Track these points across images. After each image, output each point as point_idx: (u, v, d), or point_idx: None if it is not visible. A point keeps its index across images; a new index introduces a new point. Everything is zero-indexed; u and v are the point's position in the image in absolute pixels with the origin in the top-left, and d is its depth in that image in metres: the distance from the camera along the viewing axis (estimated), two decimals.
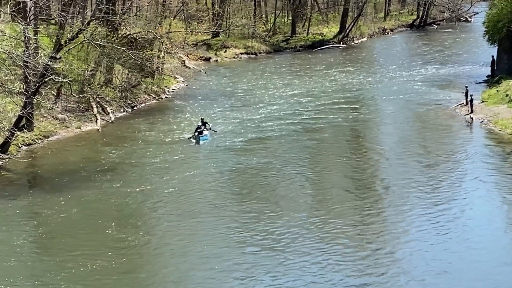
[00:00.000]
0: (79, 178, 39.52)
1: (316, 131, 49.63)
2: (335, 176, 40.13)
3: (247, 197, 36.28)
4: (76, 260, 29.10)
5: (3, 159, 42.38)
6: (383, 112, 56.42)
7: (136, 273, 28.22)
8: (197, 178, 39.25)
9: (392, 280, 26.99)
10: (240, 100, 59.75)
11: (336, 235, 31.18)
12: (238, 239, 30.87)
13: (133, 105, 56.95)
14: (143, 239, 31.31)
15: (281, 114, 54.14)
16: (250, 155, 43.16)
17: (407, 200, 35.58)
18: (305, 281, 26.91)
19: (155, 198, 36.37)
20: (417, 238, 30.96)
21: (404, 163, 42.04)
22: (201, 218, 33.49)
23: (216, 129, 48.23)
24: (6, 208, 35.63)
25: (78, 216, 34.11)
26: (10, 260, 29.41)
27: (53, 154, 44.69)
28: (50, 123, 48.96)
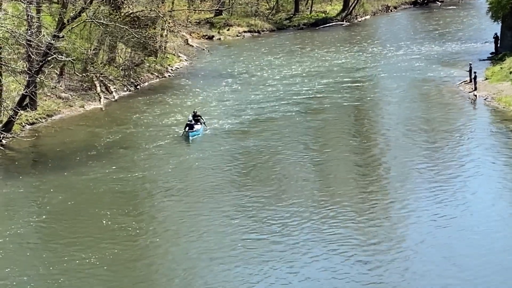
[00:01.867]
0: (82, 157, 39.57)
1: (318, 111, 49.44)
2: (339, 156, 39.92)
3: (248, 180, 36.03)
4: (77, 241, 29.20)
5: (7, 138, 42.45)
6: (387, 90, 56.22)
7: (139, 259, 28.09)
8: (198, 161, 39.14)
9: (397, 260, 27.02)
10: (242, 79, 59.62)
11: (340, 216, 31.09)
12: (240, 224, 30.59)
13: (136, 83, 56.90)
14: (144, 222, 31.28)
15: (283, 94, 53.93)
16: (252, 137, 42.95)
17: (411, 179, 35.53)
18: (309, 265, 26.87)
19: (156, 180, 36.26)
20: (421, 218, 30.84)
21: (408, 141, 41.96)
22: (203, 203, 33.16)
23: (206, 127, 45.14)
24: (10, 187, 35.74)
25: (80, 196, 34.14)
26: (12, 239, 29.50)
27: (56, 133, 44.76)
28: (53, 102, 48.98)
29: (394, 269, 26.41)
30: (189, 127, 43.68)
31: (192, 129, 43.60)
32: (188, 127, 43.69)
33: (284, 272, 26.36)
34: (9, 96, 45.14)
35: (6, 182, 36.47)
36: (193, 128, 43.84)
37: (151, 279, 26.51)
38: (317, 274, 26.22)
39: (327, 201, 32.82)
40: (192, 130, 43.59)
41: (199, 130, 44.24)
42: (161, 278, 26.63)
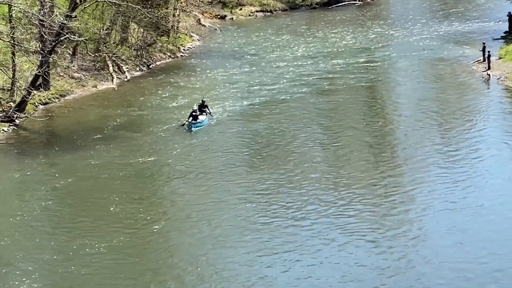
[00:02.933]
0: (94, 139, 39.63)
1: (331, 92, 49.12)
2: (351, 138, 39.56)
3: (260, 163, 35.73)
4: (86, 226, 29.13)
5: (20, 118, 42.63)
6: (400, 70, 55.97)
7: (148, 244, 27.82)
8: (209, 144, 38.91)
9: (410, 245, 26.90)
10: (254, 59, 59.37)
11: (353, 198, 30.91)
12: (252, 209, 30.18)
13: (148, 63, 56.91)
14: (154, 207, 31.11)
15: (295, 75, 53.56)
16: (263, 120, 42.57)
17: (424, 160, 35.28)
18: (323, 250, 26.68)
19: (166, 164, 36.10)
20: (435, 200, 30.64)
21: (421, 121, 41.68)
22: (214, 188, 32.75)
23: (213, 117, 42.93)
24: (22, 167, 35.94)
25: (91, 179, 34.11)
26: (21, 222, 29.61)
27: (69, 113, 44.90)
28: (66, 82, 49.09)
29: (406, 254, 26.15)
30: (193, 118, 41.27)
31: (196, 120, 41.22)
32: (192, 118, 41.28)
33: (299, 258, 26.03)
34: (22, 76, 45.26)
35: (19, 162, 36.69)
36: (197, 119, 41.39)
37: (162, 265, 26.17)
38: (331, 259, 25.96)
39: (340, 184, 32.63)
40: (196, 122, 41.21)
41: (203, 121, 41.83)
42: (172, 265, 26.22)
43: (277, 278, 24.76)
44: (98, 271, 25.61)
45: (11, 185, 34.02)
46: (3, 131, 41.04)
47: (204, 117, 42.10)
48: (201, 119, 41.65)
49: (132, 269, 25.85)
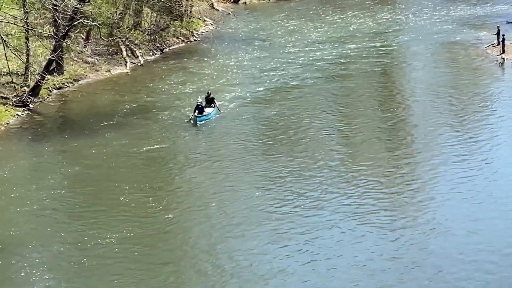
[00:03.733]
0: (107, 123, 39.73)
1: (345, 77, 48.72)
2: (365, 123, 39.27)
3: (273, 150, 35.52)
4: (97, 213, 29.18)
5: (34, 102, 42.80)
6: (413, 54, 55.66)
7: (162, 233, 27.57)
8: (221, 131, 38.66)
9: (427, 234, 26.72)
10: (267, 44, 59.04)
11: (368, 184, 30.76)
12: (266, 197, 29.93)
13: (162, 48, 56.89)
14: (166, 195, 30.96)
15: (308, 60, 53.11)
16: (276, 106, 42.26)
17: (439, 146, 35.12)
18: (336, 237, 26.58)
19: (179, 149, 36.11)
20: (451, 188, 30.43)
21: (435, 106, 41.44)
22: (226, 175, 32.53)
23: (220, 111, 41.09)
24: (36, 152, 36.10)
25: (105, 165, 34.16)
26: (32, 208, 29.70)
27: (83, 98, 45.03)
28: (80, 67, 49.21)
29: (424, 244, 25.93)
30: (199, 111, 39.49)
31: (201, 113, 39.43)
32: (198, 110, 39.51)
33: (316, 248, 25.83)
34: (36, 60, 45.38)
35: (32, 148, 36.86)
36: (203, 112, 39.63)
37: (176, 256, 25.98)
38: (347, 248, 25.79)
39: (355, 171, 32.38)
40: (201, 115, 39.42)
41: (209, 114, 40.02)
42: (186, 255, 25.99)
43: (293, 268, 24.54)
44: (110, 261, 25.47)
45: (24, 171, 34.12)
46: (17, 115, 41.23)
47: (211, 110, 40.56)
48: (207, 112, 40.05)
49: (145, 259, 25.64)
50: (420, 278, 23.85)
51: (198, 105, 39.62)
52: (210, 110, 40.49)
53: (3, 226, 27.91)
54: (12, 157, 35.16)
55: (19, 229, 27.64)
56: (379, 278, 23.88)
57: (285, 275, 24.21)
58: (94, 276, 24.48)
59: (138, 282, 24.10)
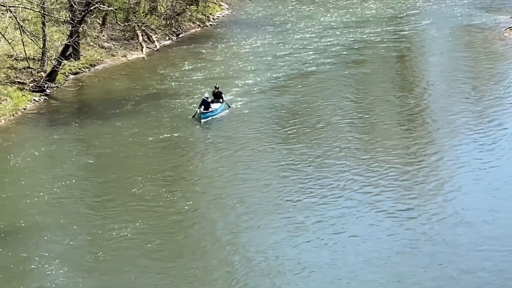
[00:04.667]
0: (124, 109, 39.81)
1: (360, 63, 48.31)
2: (381, 110, 38.67)
3: (289, 138, 35.00)
4: (112, 201, 29.00)
5: (51, 87, 42.99)
6: (430, 38, 55.31)
7: (177, 224, 27.16)
8: (235, 118, 38.02)
9: (445, 222, 26.41)
10: (283, 29, 58.64)
11: (387, 173, 30.38)
12: (282, 188, 29.41)
13: (178, 33, 56.91)
14: (180, 185, 30.65)
15: (324, 45, 52.53)
16: (290, 93, 41.90)
17: (456, 133, 34.70)
18: (354, 228, 26.19)
19: (194, 138, 35.87)
20: (467, 175, 30.14)
21: (452, 92, 40.97)
22: (241, 164, 31.99)
23: (229, 106, 39.05)
24: (52, 137, 36.25)
25: (120, 152, 34.06)
26: (52, 191, 29.88)
27: (99, 83, 45.16)
28: (96, 52, 49.33)
29: (442, 233, 25.55)
30: (204, 106, 37.42)
31: (207, 109, 37.30)
32: (203, 106, 37.46)
33: (334, 237, 25.48)
34: (53, 46, 45.56)
35: (49, 133, 36.99)
36: (209, 107, 37.45)
37: (192, 248, 25.34)
38: (365, 237, 25.44)
39: (372, 158, 31.97)
40: (207, 111, 37.23)
41: (216, 110, 37.83)
42: (202, 246, 25.56)
43: (311, 260, 24.18)
44: (126, 252, 25.21)
45: (39, 157, 34.09)
46: (34, 101, 41.44)
47: (218, 106, 38.27)
48: (214, 108, 37.79)
49: (162, 251, 25.24)
50: (438, 268, 23.60)
51: (204, 100, 37.65)
52: (217, 106, 38.22)
53: (17, 214, 28.04)
54: (29, 143, 35.31)
55: (33, 218, 27.66)
56: (396, 268, 23.64)
57: (304, 267, 23.81)
58: (109, 268, 24.30)
59: (155, 275, 23.81)
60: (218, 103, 38.60)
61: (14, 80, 42.39)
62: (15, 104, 40.01)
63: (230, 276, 23.61)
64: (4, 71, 42.66)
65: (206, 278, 23.54)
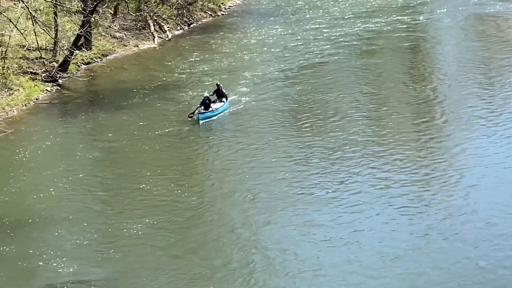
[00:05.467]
0: (136, 98, 39.85)
1: (371, 53, 47.64)
2: (394, 101, 38.17)
3: (300, 131, 34.58)
4: (124, 194, 28.94)
5: (63, 77, 43.03)
6: (442, 27, 54.76)
7: (191, 218, 26.91)
8: (245, 109, 37.62)
9: (461, 216, 26.18)
10: (295, 19, 58.01)
11: (400, 165, 30.16)
12: (297, 179, 29.14)
13: (189, 22, 56.77)
14: (193, 178, 30.45)
15: (336, 35, 51.61)
16: (302, 84, 41.37)
17: (471, 124, 34.30)
18: (370, 221, 26.02)
19: (204, 129, 35.49)
20: (480, 167, 29.83)
21: (466, 82, 40.37)
22: (254, 157, 31.70)
23: (227, 109, 36.89)
24: (65, 127, 36.36)
25: (133, 140, 34.05)
26: (64, 182, 29.97)
27: (111, 73, 45.14)
28: (108, 42, 49.30)
29: (458, 231, 25.27)
30: (204, 106, 35.63)
31: (207, 109, 35.49)
32: (203, 106, 35.67)
33: (349, 231, 25.28)
34: (65, 36, 45.59)
35: (60, 123, 37.12)
36: (209, 108, 35.64)
37: (205, 244, 25.18)
38: (378, 232, 25.26)
39: (385, 149, 31.73)
40: (206, 111, 35.40)
41: (217, 110, 36.05)
42: (214, 242, 25.21)
43: (328, 257, 23.94)
44: (136, 247, 25.08)
45: (52, 148, 34.17)
46: (47, 90, 41.50)
47: (219, 105, 36.46)
48: (214, 108, 36.03)
49: (174, 246, 25.13)
50: (455, 265, 23.34)
51: (205, 100, 35.95)
52: (218, 106, 36.36)
53: (28, 205, 28.13)
54: (41, 133, 35.43)
55: (44, 209, 27.75)
56: (412, 265, 23.40)
57: (321, 263, 23.60)
58: (120, 262, 24.22)
59: (170, 271, 23.66)
60: (220, 102, 36.90)
61: (27, 70, 42.47)
62: (28, 94, 40.08)
63: (247, 273, 23.35)
64: (16, 61, 42.69)
65: (222, 276, 23.28)
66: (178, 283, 23.06)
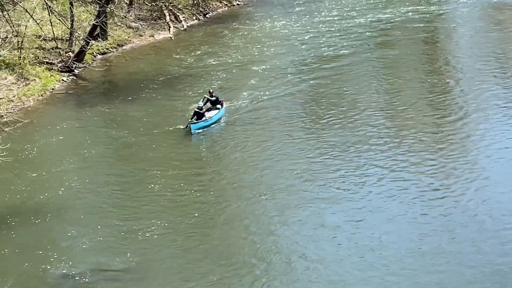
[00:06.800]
0: (152, 89, 39.87)
1: (388, 44, 47.30)
2: (411, 94, 37.66)
3: (317, 125, 34.08)
4: (138, 186, 28.80)
5: (79, 67, 43.14)
6: (459, 17, 54.11)
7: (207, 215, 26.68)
8: (258, 103, 37.17)
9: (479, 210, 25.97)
10: (310, 9, 57.68)
11: (417, 159, 29.87)
12: (312, 175, 28.83)
13: (205, 12, 56.74)
14: (208, 172, 30.11)
15: (352, 26, 51.45)
16: (317, 77, 40.88)
17: (490, 116, 33.98)
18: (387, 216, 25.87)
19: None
20: (499, 160, 29.64)
21: (483, 74, 39.89)
22: (269, 152, 31.34)
23: (222, 115, 35.03)
24: (80, 117, 36.46)
25: (148, 131, 34.00)
26: (80, 171, 30.16)
27: (127, 63, 45.21)
28: (123, 32, 49.38)
29: (479, 224, 25.10)
30: (197, 116, 33.74)
31: (200, 119, 33.61)
32: (196, 116, 33.75)
33: (367, 227, 25.06)
34: (80, 26, 45.74)
35: (76, 113, 37.24)
36: (202, 117, 33.74)
37: (224, 240, 24.93)
38: (398, 227, 25.03)
39: (402, 143, 31.44)
40: (198, 121, 33.48)
41: (210, 119, 34.09)
42: (233, 240, 24.97)
43: (349, 255, 23.65)
44: (154, 240, 25.02)
45: (67, 138, 34.21)
46: (63, 81, 41.61)
47: (213, 113, 34.54)
48: (208, 117, 34.14)
49: (193, 243, 24.92)
50: (475, 259, 23.18)
51: (198, 111, 33.88)
52: (212, 114, 34.48)
53: (45, 194, 28.24)
54: (57, 124, 35.54)
55: (60, 200, 27.82)
56: (434, 260, 23.21)
57: (338, 261, 23.42)
58: (137, 254, 24.17)
59: (184, 262, 23.72)
60: (215, 110, 35.10)
61: (43, 60, 42.61)
62: (44, 84, 40.22)
63: (262, 272, 23.04)
64: (32, 51, 42.87)
65: (242, 275, 22.94)
66: (191, 274, 23.06)
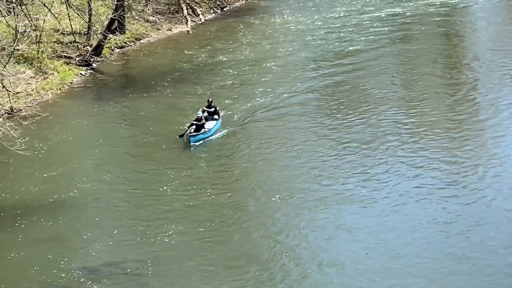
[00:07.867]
0: (169, 83, 39.96)
1: (406, 39, 46.96)
2: (430, 90, 37.19)
3: (332, 121, 33.86)
4: (154, 187, 28.60)
5: (97, 61, 43.36)
6: (478, 10, 53.61)
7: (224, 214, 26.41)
8: (273, 100, 36.77)
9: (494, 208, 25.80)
10: (328, 3, 57.09)
11: (436, 155, 29.62)
12: (331, 172, 28.63)
13: (222, 6, 56.77)
14: (224, 169, 29.96)
15: (370, 21, 51.14)
16: (336, 72, 40.57)
17: (508, 112, 33.74)
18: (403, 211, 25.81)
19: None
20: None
21: (503, 70, 39.46)
22: (283, 148, 31.12)
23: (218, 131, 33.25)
24: (98, 111, 36.61)
25: (165, 127, 33.98)
26: (100, 161, 30.47)
27: (144, 57, 45.34)
28: (141, 26, 49.52)
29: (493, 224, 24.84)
30: (196, 128, 32.20)
31: (199, 130, 32.08)
32: (195, 127, 32.22)
33: (386, 225, 24.92)
34: (98, 20, 45.91)
35: (94, 107, 37.39)
36: (201, 129, 32.18)
37: (245, 244, 24.63)
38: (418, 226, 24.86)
39: (420, 139, 31.25)
40: (197, 133, 31.93)
41: (209, 131, 32.51)
42: (254, 243, 24.58)
43: (369, 256, 23.42)
44: (172, 235, 24.96)
45: (85, 132, 34.51)
46: (81, 74, 41.84)
47: (212, 124, 32.98)
48: (207, 128, 32.55)
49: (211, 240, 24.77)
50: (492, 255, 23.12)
51: (195, 122, 32.40)
52: (211, 125, 32.92)
53: (64, 187, 28.44)
54: (75, 117, 35.80)
55: (79, 192, 28.01)
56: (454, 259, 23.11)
57: (355, 258, 23.29)
58: (156, 247, 24.25)
59: (201, 258, 23.68)
60: (213, 120, 33.46)
61: (61, 54, 42.84)
62: (62, 78, 40.46)
63: (281, 276, 22.79)
64: (51, 45, 43.11)
65: (257, 277, 22.73)
66: (208, 275, 22.95)
